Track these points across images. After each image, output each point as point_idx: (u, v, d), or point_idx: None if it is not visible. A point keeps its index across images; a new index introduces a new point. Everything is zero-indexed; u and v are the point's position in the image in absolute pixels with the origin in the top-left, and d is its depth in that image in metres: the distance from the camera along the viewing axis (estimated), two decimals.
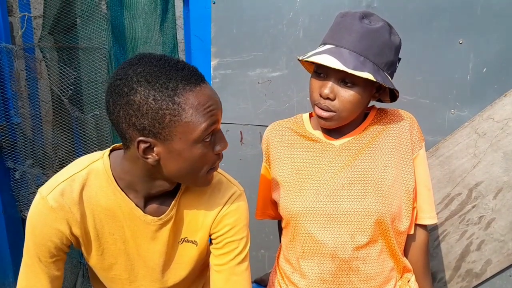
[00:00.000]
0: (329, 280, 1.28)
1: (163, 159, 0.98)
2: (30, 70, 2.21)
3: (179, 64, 0.95)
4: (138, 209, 1.09)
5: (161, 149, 0.96)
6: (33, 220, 1.06)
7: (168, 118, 0.92)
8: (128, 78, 0.92)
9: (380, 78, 1.17)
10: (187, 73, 0.94)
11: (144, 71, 0.92)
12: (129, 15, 2.11)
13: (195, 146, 0.96)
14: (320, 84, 1.21)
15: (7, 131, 2.19)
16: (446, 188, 1.80)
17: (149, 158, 0.97)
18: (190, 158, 0.97)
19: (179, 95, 0.91)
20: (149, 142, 0.94)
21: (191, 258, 1.20)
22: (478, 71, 1.72)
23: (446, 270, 1.89)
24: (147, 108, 0.91)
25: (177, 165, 0.98)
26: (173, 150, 0.95)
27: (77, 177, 1.06)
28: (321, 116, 1.22)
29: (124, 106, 0.92)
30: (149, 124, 0.92)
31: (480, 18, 1.68)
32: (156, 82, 0.91)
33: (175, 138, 0.94)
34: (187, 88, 0.92)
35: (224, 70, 1.90)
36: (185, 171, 1.00)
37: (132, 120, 0.93)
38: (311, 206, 1.27)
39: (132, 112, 0.92)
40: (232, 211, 1.16)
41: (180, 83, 0.92)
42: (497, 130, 1.71)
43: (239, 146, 1.95)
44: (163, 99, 0.91)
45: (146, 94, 0.90)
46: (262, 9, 1.82)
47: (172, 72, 0.93)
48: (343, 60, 1.14)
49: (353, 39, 1.17)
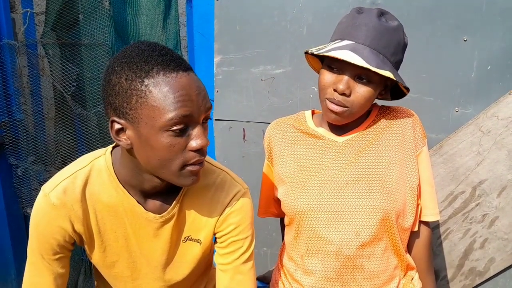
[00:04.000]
0: (333, 278, 1.28)
1: (135, 145, 0.96)
2: (33, 66, 2.20)
3: (164, 50, 0.94)
4: (140, 206, 1.09)
5: (131, 133, 0.94)
6: (36, 217, 1.06)
7: (135, 99, 0.90)
8: (116, 59, 0.94)
9: (397, 77, 1.18)
10: (168, 58, 0.92)
11: (129, 54, 0.93)
12: (131, 12, 2.10)
13: (162, 134, 0.91)
14: (334, 78, 1.20)
15: (9, 128, 2.19)
16: (450, 186, 1.80)
17: (121, 141, 0.96)
18: (158, 147, 0.93)
19: (150, 78, 0.89)
20: (121, 123, 0.94)
21: (194, 257, 1.19)
22: (483, 69, 1.71)
23: (449, 268, 1.88)
24: (119, 87, 0.91)
25: (146, 153, 0.95)
26: (141, 135, 0.93)
27: (79, 174, 1.06)
28: (334, 110, 1.21)
29: (105, 85, 0.94)
30: (119, 104, 0.92)
31: (485, 15, 1.67)
32: (134, 64, 0.90)
33: (141, 121, 0.91)
34: (161, 72, 0.90)
35: (227, 67, 1.89)
36: (155, 162, 0.96)
37: (109, 99, 0.94)
38: (315, 203, 1.27)
39: (109, 91, 0.93)
40: (236, 210, 1.15)
41: (155, 66, 0.90)
42: (502, 128, 1.70)
43: (242, 144, 1.95)
44: (134, 79, 0.90)
45: (120, 74, 0.91)
46: (266, 6, 1.81)
47: (153, 56, 0.91)
48: (365, 57, 1.13)
49: (373, 36, 1.16)
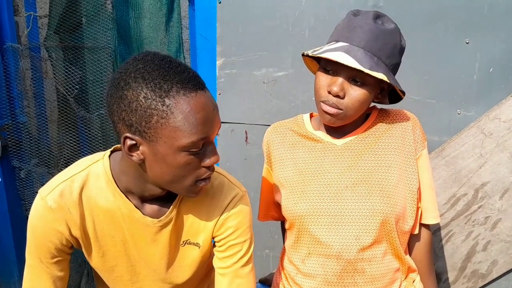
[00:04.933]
0: (334, 282, 1.28)
1: (148, 160, 0.96)
2: (36, 69, 2.21)
3: (180, 67, 0.93)
4: (137, 211, 1.08)
5: (146, 149, 0.94)
6: (33, 221, 1.06)
7: (155, 119, 0.89)
8: (127, 72, 0.92)
9: (392, 80, 1.17)
10: (185, 77, 0.91)
11: (143, 68, 0.91)
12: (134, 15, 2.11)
13: (180, 153, 0.92)
14: (328, 81, 1.20)
15: (12, 130, 2.20)
16: (452, 189, 1.79)
17: (133, 156, 0.95)
18: (174, 165, 0.94)
19: (171, 98, 0.89)
20: (135, 140, 0.93)
21: (194, 260, 1.19)
22: (485, 71, 1.71)
23: (451, 270, 1.88)
24: (136, 105, 0.89)
25: (160, 169, 0.95)
26: (157, 152, 0.93)
27: (76, 178, 1.06)
28: (328, 112, 1.21)
29: (117, 100, 0.92)
30: (136, 122, 0.90)
31: (487, 17, 1.67)
32: (151, 80, 0.89)
33: (160, 140, 0.91)
34: (181, 92, 0.89)
35: (230, 70, 1.90)
36: (169, 177, 0.97)
37: (122, 115, 0.92)
38: (315, 208, 1.26)
39: (124, 106, 0.91)
40: (234, 213, 1.15)
41: (175, 85, 0.89)
42: (504, 130, 1.70)
43: (244, 146, 1.95)
44: (154, 98, 0.88)
45: (138, 91, 0.89)
46: (268, 8, 1.82)
47: (170, 74, 0.90)
48: (358, 59, 1.13)
49: (367, 38, 1.16)
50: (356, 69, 1.12)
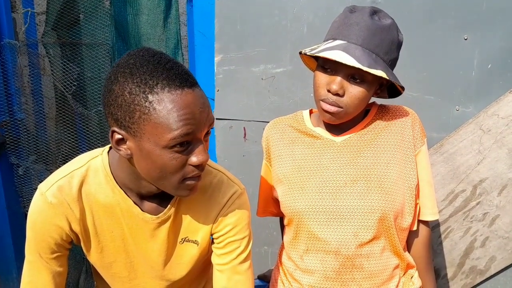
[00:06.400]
0: (332, 277, 1.28)
1: (135, 156, 0.95)
2: (34, 66, 2.21)
3: (170, 63, 0.91)
4: (136, 207, 1.08)
5: (132, 144, 0.93)
6: (32, 216, 1.06)
7: (138, 114, 0.89)
8: (119, 66, 0.92)
9: (391, 76, 1.17)
10: (173, 74, 0.90)
11: (132, 64, 0.90)
12: (132, 11, 2.11)
13: (164, 150, 0.91)
14: (327, 79, 1.20)
15: (10, 127, 2.20)
16: (450, 185, 1.80)
17: (121, 151, 0.95)
18: (158, 162, 0.92)
19: (154, 94, 0.88)
20: (122, 134, 0.93)
21: (192, 258, 1.19)
22: (483, 68, 1.71)
23: (450, 266, 1.88)
24: (121, 100, 0.89)
25: (146, 165, 0.95)
26: (142, 148, 0.92)
27: (76, 174, 1.06)
28: (328, 110, 1.21)
29: (107, 94, 0.92)
30: (121, 116, 0.90)
31: (485, 14, 1.67)
32: (138, 76, 0.88)
33: (144, 137, 0.90)
34: (165, 89, 0.88)
35: (228, 66, 1.89)
36: (155, 174, 0.95)
37: (110, 108, 0.92)
38: (313, 204, 1.26)
39: (111, 101, 0.91)
40: (233, 210, 1.15)
41: (160, 82, 0.88)
42: (502, 126, 1.70)
43: (242, 143, 1.95)
44: (137, 94, 0.88)
45: (124, 86, 0.89)
46: (266, 4, 1.81)
47: (158, 70, 0.89)
48: (356, 57, 1.12)
49: (365, 35, 1.16)
50: (354, 66, 1.12)
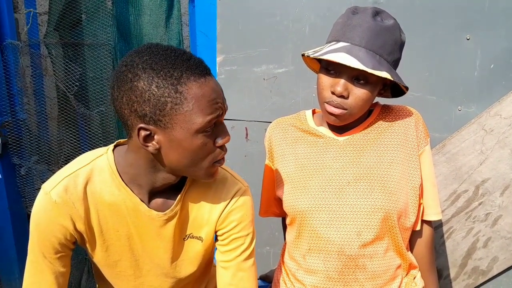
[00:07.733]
0: (335, 278, 1.28)
1: (164, 148, 0.98)
2: (36, 66, 2.21)
3: (185, 54, 0.96)
4: (143, 204, 1.08)
5: (161, 137, 0.96)
6: (37, 216, 1.05)
7: (170, 106, 0.92)
8: (133, 64, 0.93)
9: (395, 76, 1.17)
10: (193, 63, 0.95)
11: (150, 59, 0.93)
12: (134, 12, 2.11)
13: (196, 136, 0.96)
14: (331, 81, 1.20)
15: (12, 128, 2.20)
16: (453, 185, 1.79)
17: (149, 146, 0.97)
18: (191, 149, 0.97)
19: (182, 84, 0.92)
20: (150, 129, 0.95)
21: (197, 254, 1.19)
22: (486, 68, 1.71)
23: (452, 267, 1.88)
24: (149, 95, 0.92)
25: (177, 155, 0.98)
26: (173, 139, 0.96)
27: (81, 173, 1.06)
28: (333, 113, 1.21)
29: (127, 92, 0.93)
30: (150, 111, 0.93)
31: (488, 14, 1.67)
32: (161, 70, 0.92)
33: (176, 126, 0.94)
34: (191, 78, 0.93)
35: (230, 66, 1.89)
36: (186, 162, 1.00)
37: (134, 106, 0.93)
38: (316, 203, 1.26)
39: (135, 98, 0.93)
40: (238, 207, 1.16)
41: (184, 72, 0.93)
42: (505, 126, 1.70)
43: (244, 143, 1.95)
44: (166, 86, 0.91)
45: (149, 81, 0.91)
46: (268, 5, 1.81)
47: (178, 62, 0.93)
48: (361, 59, 1.12)
49: (368, 37, 1.15)
50: (358, 68, 1.12)
